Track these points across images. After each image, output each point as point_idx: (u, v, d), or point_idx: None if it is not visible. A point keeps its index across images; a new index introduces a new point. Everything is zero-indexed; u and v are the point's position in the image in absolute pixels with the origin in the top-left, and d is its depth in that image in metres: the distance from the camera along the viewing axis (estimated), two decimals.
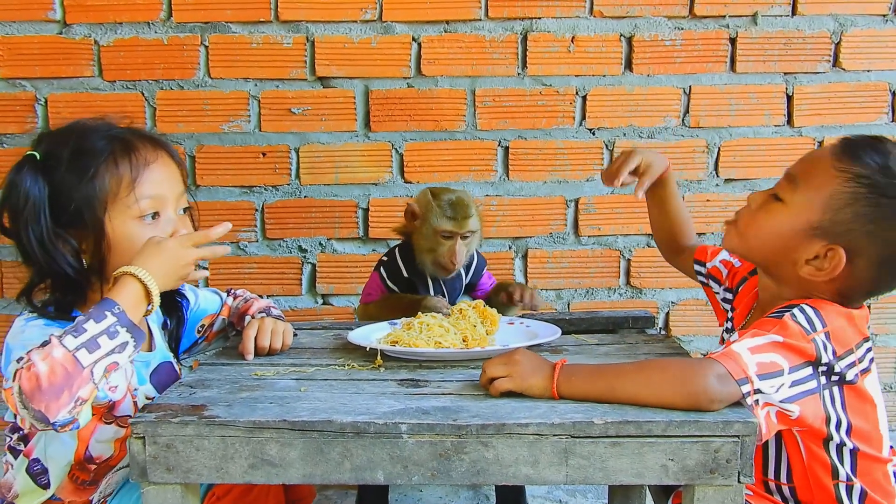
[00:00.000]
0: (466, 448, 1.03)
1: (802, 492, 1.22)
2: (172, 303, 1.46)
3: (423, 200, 1.83)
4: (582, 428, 1.02)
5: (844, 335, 1.17)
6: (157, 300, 1.18)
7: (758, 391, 1.08)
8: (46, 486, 1.28)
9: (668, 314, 2.39)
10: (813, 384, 1.13)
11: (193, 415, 1.07)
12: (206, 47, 2.26)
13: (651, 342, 1.50)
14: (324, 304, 2.36)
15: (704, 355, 1.15)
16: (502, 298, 1.79)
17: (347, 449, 1.04)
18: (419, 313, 1.50)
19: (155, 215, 1.29)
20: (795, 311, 1.15)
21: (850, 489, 1.19)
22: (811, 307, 1.16)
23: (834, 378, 1.15)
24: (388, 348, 1.36)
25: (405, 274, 1.88)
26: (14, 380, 1.05)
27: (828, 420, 1.15)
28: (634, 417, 1.03)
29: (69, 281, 1.26)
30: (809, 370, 1.13)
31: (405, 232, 1.89)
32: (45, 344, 1.07)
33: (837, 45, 2.28)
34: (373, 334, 1.48)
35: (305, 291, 2.36)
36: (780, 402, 1.10)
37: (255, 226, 2.33)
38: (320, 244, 2.35)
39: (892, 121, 2.31)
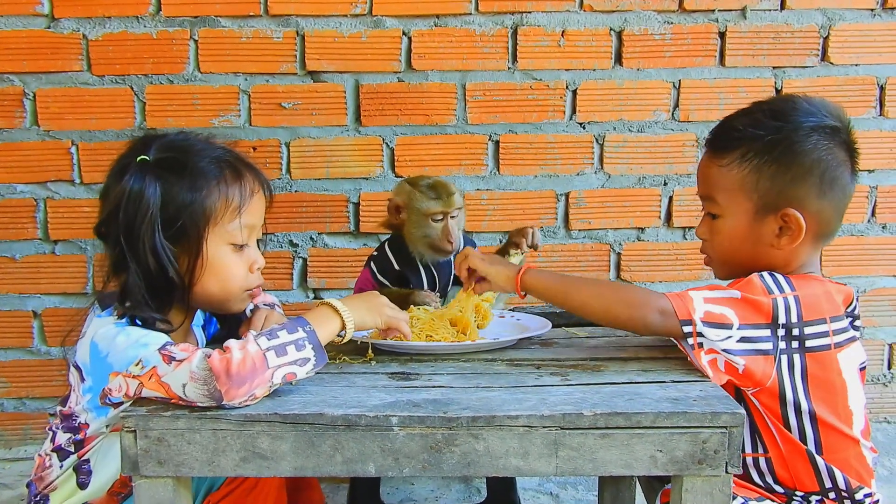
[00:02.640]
0: (457, 440, 1.04)
1: (778, 462, 1.24)
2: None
3: (404, 191, 1.82)
4: (571, 420, 1.03)
5: (817, 303, 1.21)
6: (350, 331, 1.25)
7: (700, 335, 1.17)
8: (84, 487, 1.28)
9: None
10: (768, 345, 1.18)
11: (185, 408, 1.07)
12: (196, 41, 2.25)
13: (640, 335, 1.50)
14: (315, 298, 2.36)
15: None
16: (510, 244, 1.79)
17: (339, 442, 1.04)
18: (410, 307, 1.50)
19: (242, 246, 1.31)
20: (765, 273, 1.23)
21: (830, 469, 1.21)
22: (783, 275, 1.23)
23: (794, 344, 1.19)
24: (380, 342, 1.37)
25: (396, 267, 1.88)
26: (202, 360, 1.08)
27: (781, 382, 1.20)
28: (624, 409, 1.04)
29: (164, 289, 1.26)
30: (767, 332, 1.18)
31: (393, 226, 1.89)
32: (243, 339, 1.13)
33: (826, 39, 2.30)
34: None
35: (297, 286, 2.36)
36: (724, 350, 1.17)
37: None
38: (311, 238, 2.35)
39: (880, 114, 2.33)
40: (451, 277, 1.87)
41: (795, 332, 1.19)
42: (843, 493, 1.21)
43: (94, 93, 2.25)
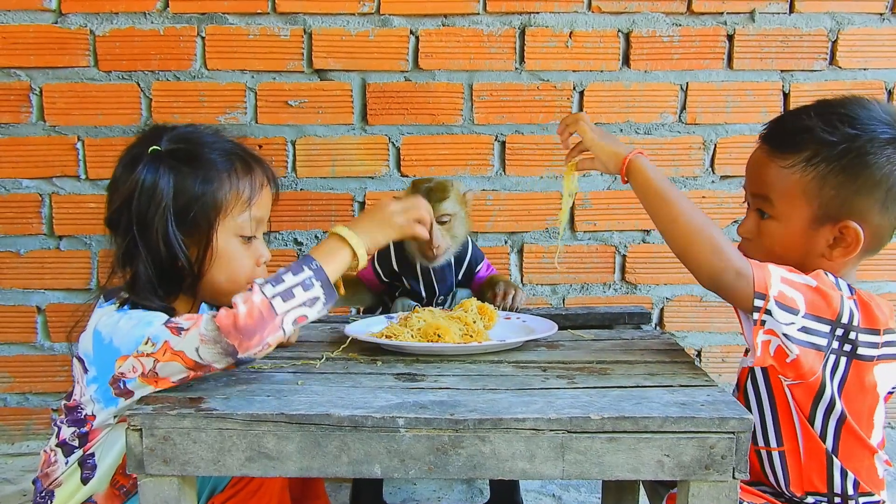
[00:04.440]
0: (463, 442, 1.03)
1: (792, 458, 1.23)
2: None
3: (405, 193, 1.83)
4: (579, 423, 1.03)
5: (874, 314, 1.18)
6: (363, 258, 1.23)
7: (768, 312, 1.13)
8: (86, 482, 1.28)
9: (662, 310, 2.40)
10: (823, 341, 1.15)
11: (191, 407, 1.07)
12: (203, 38, 2.25)
13: (646, 338, 1.50)
14: None
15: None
16: (490, 296, 1.79)
17: (345, 442, 1.04)
18: (416, 308, 1.50)
19: (250, 238, 1.32)
20: (829, 273, 1.19)
21: (843, 472, 1.20)
22: (836, 277, 1.20)
23: (846, 347, 1.16)
24: (386, 342, 1.37)
25: (395, 267, 1.89)
26: (209, 321, 1.10)
27: (823, 380, 1.17)
28: (631, 413, 1.04)
29: (174, 279, 1.27)
30: (827, 328, 1.15)
31: None
32: (248, 291, 1.13)
33: (834, 43, 2.29)
34: (370, 328, 1.49)
35: None
36: (784, 335, 1.13)
37: None
38: (316, 237, 2.34)
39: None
40: (454, 282, 1.87)
41: (852, 335, 1.16)
42: (850, 499, 1.20)
43: (100, 89, 2.25)
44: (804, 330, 1.14)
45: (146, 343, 1.13)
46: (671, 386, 1.17)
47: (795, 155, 1.22)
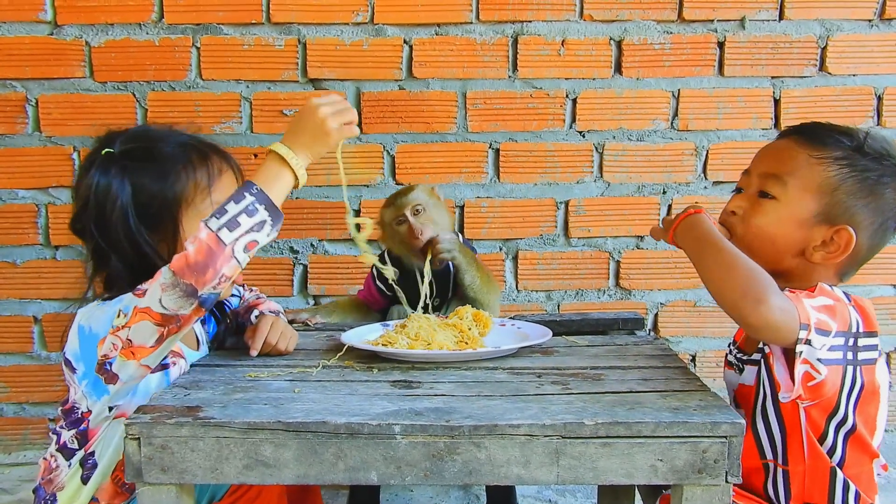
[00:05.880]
0: (459, 449, 1.04)
1: (796, 477, 1.23)
2: (220, 309, 1.52)
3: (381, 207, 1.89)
4: (573, 429, 1.04)
5: (870, 316, 1.21)
6: (303, 177, 1.24)
7: (808, 342, 1.12)
8: (87, 481, 1.28)
9: (656, 315, 2.42)
10: (840, 355, 1.16)
11: (188, 416, 1.08)
12: (198, 49, 2.26)
13: (640, 344, 1.51)
14: (315, 304, 2.37)
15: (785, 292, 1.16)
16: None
17: (341, 450, 1.05)
18: (411, 315, 1.51)
19: None
20: (822, 283, 1.21)
21: (846, 484, 1.21)
22: (829, 286, 1.22)
23: (856, 355, 1.18)
24: (382, 349, 1.37)
25: (394, 278, 1.90)
26: (164, 269, 1.13)
27: (839, 394, 1.18)
28: (624, 418, 1.05)
29: (150, 271, 1.27)
30: (842, 340, 1.16)
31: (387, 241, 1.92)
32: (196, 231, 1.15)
33: (824, 49, 2.31)
34: (366, 335, 1.50)
35: (297, 292, 2.37)
36: (818, 359, 1.13)
37: None
38: (312, 245, 2.35)
39: (878, 124, 2.35)
40: (451, 287, 1.88)
41: (859, 342, 1.18)
42: None
43: (96, 99, 2.27)
44: (832, 348, 1.15)
45: (119, 316, 1.16)
46: (664, 391, 1.18)
47: (828, 150, 1.26)
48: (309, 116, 1.28)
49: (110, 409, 1.24)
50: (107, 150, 1.29)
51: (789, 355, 1.17)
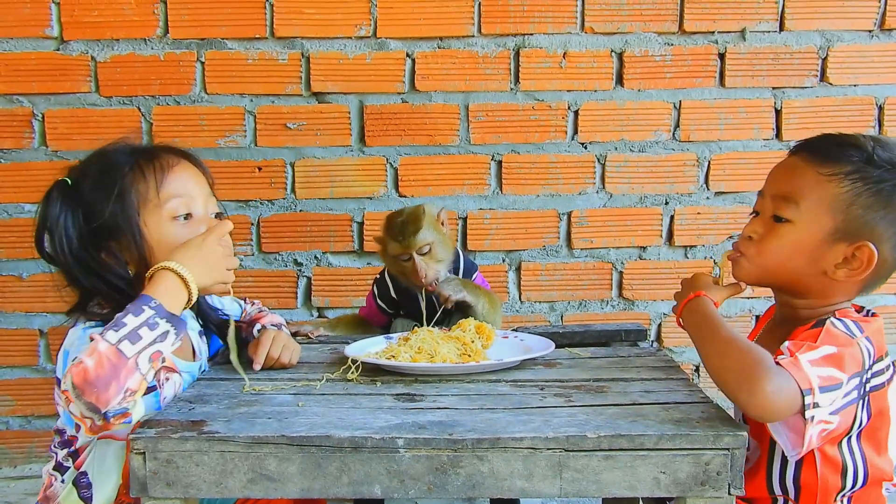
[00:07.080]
0: (462, 462, 1.05)
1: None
2: (220, 323, 1.52)
3: (382, 228, 1.84)
4: (575, 441, 1.04)
5: (879, 340, 1.19)
6: (195, 292, 1.21)
7: (816, 405, 1.07)
8: (88, 501, 1.29)
9: (659, 326, 2.42)
10: (855, 394, 1.13)
11: (193, 430, 1.09)
12: (203, 63, 2.28)
13: (643, 355, 1.52)
14: (319, 317, 2.38)
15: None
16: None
17: (345, 463, 1.05)
18: (414, 328, 1.52)
19: (188, 216, 1.33)
20: (836, 321, 1.18)
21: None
22: (841, 319, 1.19)
23: (867, 385, 1.16)
24: (385, 363, 1.38)
25: (393, 294, 1.91)
26: (67, 378, 1.07)
27: (850, 426, 1.16)
28: (627, 431, 1.05)
29: (119, 292, 1.29)
30: (857, 381, 1.13)
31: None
32: (91, 342, 1.09)
33: (824, 60, 2.32)
34: (369, 348, 1.50)
35: (301, 305, 2.38)
36: (830, 413, 1.09)
37: (251, 240, 2.34)
38: (315, 258, 2.36)
39: (880, 134, 2.35)
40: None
41: (869, 374, 1.15)
42: None
43: (101, 114, 2.28)
44: (846, 394, 1.11)
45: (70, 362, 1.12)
46: (667, 403, 1.18)
47: (837, 166, 1.21)
48: (209, 248, 1.25)
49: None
50: (60, 179, 1.32)
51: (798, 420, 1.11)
